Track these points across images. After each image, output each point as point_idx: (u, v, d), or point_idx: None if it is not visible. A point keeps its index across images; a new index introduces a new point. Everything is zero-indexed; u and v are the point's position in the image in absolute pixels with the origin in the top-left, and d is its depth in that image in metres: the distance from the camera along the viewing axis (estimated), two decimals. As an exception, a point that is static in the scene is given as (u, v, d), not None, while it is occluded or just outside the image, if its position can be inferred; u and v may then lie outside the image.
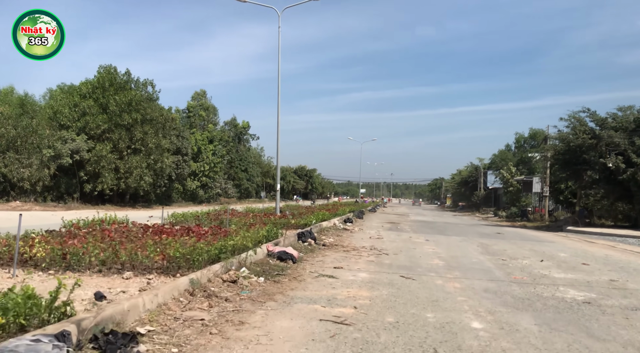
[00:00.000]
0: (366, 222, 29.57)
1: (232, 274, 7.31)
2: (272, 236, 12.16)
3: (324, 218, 20.52)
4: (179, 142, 45.55)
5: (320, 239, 15.25)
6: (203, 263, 7.58)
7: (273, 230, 12.39)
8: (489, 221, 43.11)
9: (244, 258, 8.65)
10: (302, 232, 13.94)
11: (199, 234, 10.17)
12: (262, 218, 17.52)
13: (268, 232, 12.00)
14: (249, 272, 8.26)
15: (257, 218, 17.48)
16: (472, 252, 15.16)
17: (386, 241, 16.91)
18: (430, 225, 29.43)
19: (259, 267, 9.02)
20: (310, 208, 29.84)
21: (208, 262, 7.77)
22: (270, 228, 12.26)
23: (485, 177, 73.87)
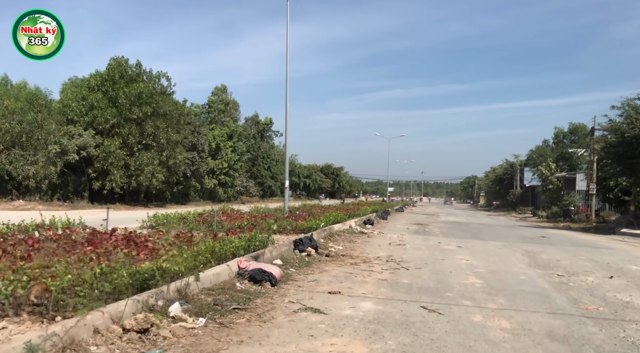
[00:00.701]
0: (390, 223, 26.52)
1: (140, 319, 4.52)
2: (256, 245, 9.38)
3: (336, 220, 17.64)
4: (194, 138, 43.28)
5: (326, 247, 12.38)
6: (106, 297, 4.83)
7: (257, 238, 9.60)
8: (528, 222, 39.38)
9: (183, 286, 5.86)
10: (299, 239, 11.09)
11: (143, 247, 7.45)
12: (263, 221, 14.77)
13: (250, 240, 9.21)
14: (187, 307, 5.47)
15: (257, 221, 14.74)
16: (517, 263, 12.04)
17: (409, 249, 13.91)
18: (463, 227, 26.19)
19: (212, 297, 6.21)
20: (325, 208, 26.98)
21: (120, 294, 5.02)
22: (253, 236, 9.46)
23: (521, 174, 69.52)
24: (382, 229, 21.05)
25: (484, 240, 18.73)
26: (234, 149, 54.36)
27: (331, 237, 14.49)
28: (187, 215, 15.32)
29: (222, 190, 53.62)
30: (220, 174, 52.23)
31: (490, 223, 33.48)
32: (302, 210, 22.74)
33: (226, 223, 14.17)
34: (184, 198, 47.51)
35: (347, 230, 17.46)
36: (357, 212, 24.78)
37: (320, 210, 23.93)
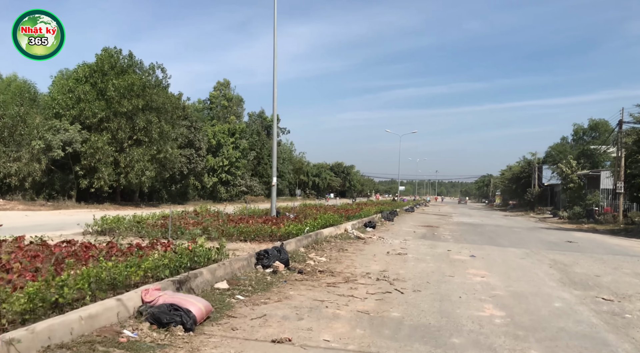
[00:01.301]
0: (396, 225, 23.87)
1: None
2: (196, 261, 6.91)
3: (327, 224, 15.09)
4: (191, 134, 40.96)
5: (304, 259, 9.85)
6: None
7: (199, 251, 7.10)
8: (548, 223, 36.42)
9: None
10: (264, 251, 8.55)
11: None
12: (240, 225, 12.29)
13: (182, 255, 6.72)
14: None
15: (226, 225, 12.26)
16: (546, 280, 9.42)
17: (410, 260, 11.31)
18: (478, 230, 23.46)
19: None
20: (325, 208, 24.46)
21: None
22: (181, 252, 6.94)
23: (540, 173, 66.28)
24: (384, 233, 18.44)
25: (501, 246, 16.05)
26: (236, 146, 52.00)
27: (316, 245, 11.95)
28: (149, 218, 12.89)
29: (224, 189, 51.34)
30: (222, 171, 49.91)
31: (507, 225, 30.66)
32: (295, 212, 20.25)
33: (191, 228, 11.74)
34: (182, 197, 45.32)
35: (340, 235, 14.90)
36: (359, 212, 22.21)
37: (317, 211, 21.41)
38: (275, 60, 17.54)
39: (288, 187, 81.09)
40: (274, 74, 17.42)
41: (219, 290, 6.59)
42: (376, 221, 23.35)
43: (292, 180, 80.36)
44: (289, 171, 74.27)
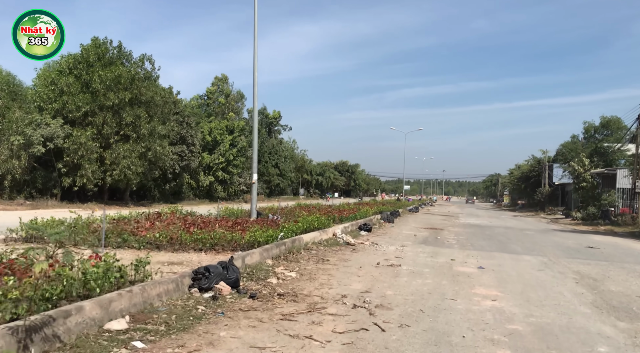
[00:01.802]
0: (396, 227, 21.72)
1: None
2: (89, 288, 4.85)
3: (311, 227, 12.97)
4: (183, 130, 38.91)
5: (266, 275, 7.76)
6: None
7: (92, 273, 5.03)
8: (561, 224, 34.10)
9: None
10: (205, 269, 6.44)
11: None
12: (196, 230, 10.23)
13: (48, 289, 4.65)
14: None
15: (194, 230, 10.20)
16: (577, 304, 7.30)
17: (403, 273, 9.20)
18: (486, 233, 21.27)
19: None
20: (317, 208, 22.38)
21: None
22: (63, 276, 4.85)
23: (550, 171, 63.85)
24: (379, 237, 16.31)
25: (514, 253, 13.89)
26: (233, 143, 49.96)
27: (290, 255, 9.85)
28: (95, 221, 10.86)
29: (222, 187, 49.33)
30: (217, 169, 47.90)
31: (518, 226, 28.41)
32: (281, 213, 18.19)
33: (143, 233, 9.69)
34: (176, 196, 43.38)
35: (326, 241, 12.80)
36: (354, 213, 20.08)
37: (308, 212, 19.34)
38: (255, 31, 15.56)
39: (290, 186, 79.06)
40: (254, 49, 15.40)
41: (109, 334, 4.52)
42: (374, 223, 21.24)
43: (295, 179, 78.24)
44: (290, 169, 72.17)
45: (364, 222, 18.78)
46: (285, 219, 14.68)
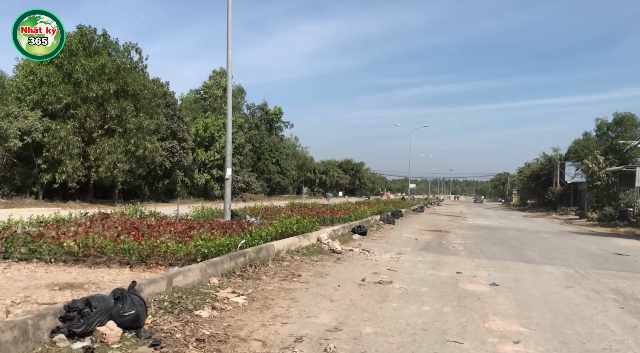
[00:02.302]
0: (396, 230, 19.51)
1: None
2: None
3: (289, 231, 10.80)
4: (174, 124, 36.84)
5: (200, 303, 5.59)
6: None
7: None
8: (577, 226, 31.74)
9: None
10: (83, 303, 4.29)
11: None
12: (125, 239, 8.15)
13: None
14: None
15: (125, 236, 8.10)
16: (633, 345, 5.10)
17: (394, 295, 7.02)
18: (497, 236, 19.03)
19: None
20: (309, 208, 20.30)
21: None
22: None
23: (562, 169, 61.35)
24: (374, 242, 14.13)
25: (532, 262, 11.70)
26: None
27: (251, 269, 7.70)
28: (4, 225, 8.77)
29: (218, 186, 47.26)
30: (213, 167, 45.84)
31: (531, 228, 26.12)
32: (264, 214, 16.11)
33: (62, 241, 7.61)
34: (169, 195, 41.36)
35: (306, 248, 10.64)
36: (349, 214, 17.90)
37: (293, 212, 17.23)
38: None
39: (292, 185, 76.96)
40: (228, 15, 13.32)
41: None
42: (371, 225, 19.08)
43: (297, 177, 76.09)
44: (292, 167, 70.00)
45: (359, 223, 16.61)
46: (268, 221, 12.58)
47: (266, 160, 62.77)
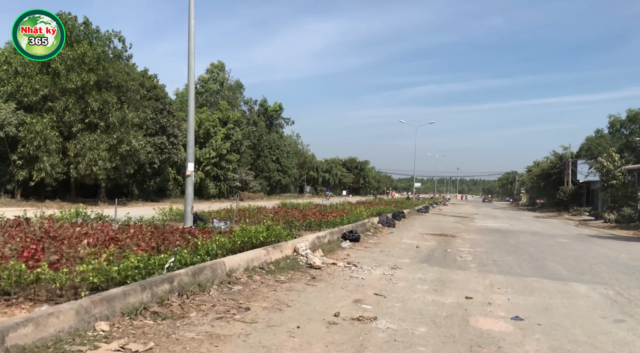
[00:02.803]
0: (395, 234, 17.25)
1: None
2: None
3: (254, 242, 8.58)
4: (163, 118, 34.70)
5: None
6: None
7: None
8: (594, 228, 29.35)
9: None
10: None
11: None
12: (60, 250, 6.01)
13: None
14: None
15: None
16: None
17: (377, 342, 4.78)
18: (511, 242, 16.75)
19: None
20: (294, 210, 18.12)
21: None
22: None
23: (574, 167, 58.84)
24: (366, 251, 11.91)
25: (559, 278, 9.47)
26: (227, 136, 45.75)
27: (177, 300, 5.51)
28: None
29: (214, 184, 45.18)
30: (208, 164, 43.73)
31: (546, 231, 23.80)
32: (240, 216, 13.97)
33: None
34: (159, 194, 39.32)
35: (275, 262, 8.44)
36: (341, 217, 15.68)
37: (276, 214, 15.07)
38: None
39: (294, 184, 74.81)
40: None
41: None
42: (367, 228, 16.87)
43: (298, 176, 73.89)
44: (293, 166, 67.79)
45: (352, 228, 14.40)
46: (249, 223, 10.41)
47: (266, 158, 60.62)
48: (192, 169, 11.04)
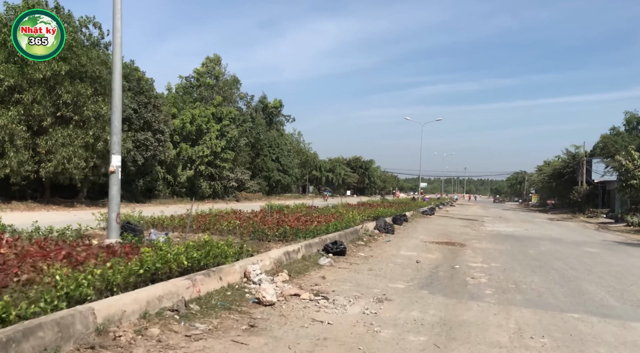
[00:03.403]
0: (393, 243, 14.55)
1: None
2: None
3: (172, 269, 5.98)
4: (147, 113, 32.11)
5: None
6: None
7: None
8: (617, 233, 26.49)
9: None
10: None
11: None
12: None
13: None
14: None
15: None
16: None
17: None
18: (531, 252, 14.01)
19: None
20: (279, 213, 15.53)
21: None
22: None
23: (589, 166, 55.86)
24: (351, 270, 9.26)
25: (611, 314, 6.80)
26: (222, 133, 43.16)
27: None
28: None
29: (207, 184, 42.62)
30: (201, 163, 41.19)
31: (566, 237, 21.04)
32: (198, 223, 11.41)
33: None
34: (146, 195, 36.84)
35: (208, 296, 5.82)
36: (327, 223, 13.02)
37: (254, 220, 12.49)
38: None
39: (296, 184, 72.20)
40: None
41: None
42: (360, 236, 14.25)
43: (300, 176, 71.24)
44: (294, 165, 65.13)
45: (340, 236, 11.77)
46: (210, 233, 7.83)
47: (265, 156, 58.01)
48: (119, 164, 8.48)
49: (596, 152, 61.96)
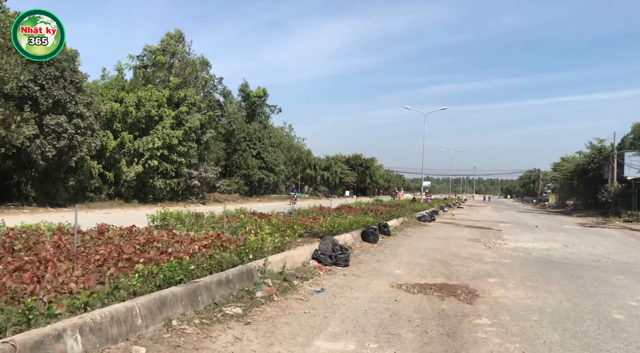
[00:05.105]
0: (320, 301, 7.10)
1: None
2: None
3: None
4: (59, 91, 24.69)
5: None
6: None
7: None
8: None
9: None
10: None
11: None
12: None
13: None
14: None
15: None
16: None
17: None
18: (623, 321, 6.55)
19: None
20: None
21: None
22: None
23: (621, 160, 47.89)
24: None
25: None
26: (179, 122, 35.83)
27: None
28: None
29: (162, 182, 35.27)
30: (153, 157, 33.84)
31: (629, 259, 13.43)
32: None
33: None
34: (75, 197, 29.48)
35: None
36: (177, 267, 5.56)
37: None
38: None
39: (285, 183, 64.79)
40: None
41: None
42: (256, 283, 6.71)
43: (289, 174, 63.76)
44: (281, 161, 57.58)
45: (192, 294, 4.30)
46: None
47: (243, 152, 50.61)
48: None
49: (625, 144, 54.04)
